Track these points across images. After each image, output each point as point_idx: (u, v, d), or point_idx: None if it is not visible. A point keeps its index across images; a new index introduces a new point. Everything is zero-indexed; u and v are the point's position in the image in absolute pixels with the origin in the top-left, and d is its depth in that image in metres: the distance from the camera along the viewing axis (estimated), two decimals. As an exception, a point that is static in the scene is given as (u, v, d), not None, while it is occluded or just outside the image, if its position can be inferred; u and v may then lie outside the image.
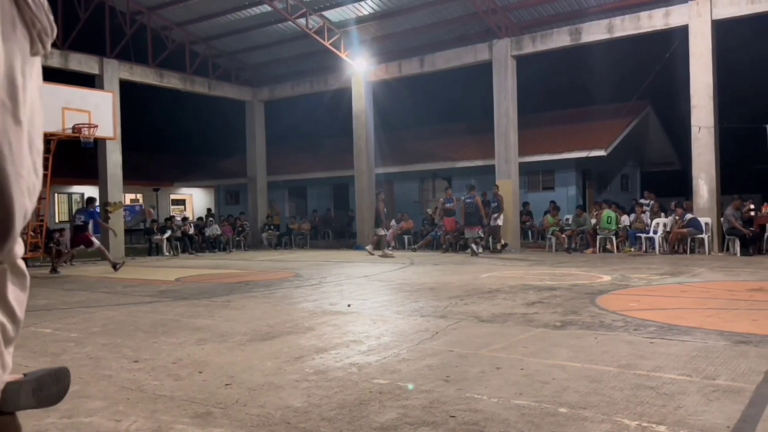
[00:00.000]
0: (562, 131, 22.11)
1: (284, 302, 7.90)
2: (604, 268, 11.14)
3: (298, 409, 3.48)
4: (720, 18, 14.18)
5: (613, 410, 3.31)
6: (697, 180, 14.49)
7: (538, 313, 6.46)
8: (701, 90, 14.36)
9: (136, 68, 19.29)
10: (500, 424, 3.16)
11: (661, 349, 4.69)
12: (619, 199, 19.86)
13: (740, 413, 3.20)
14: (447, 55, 18.29)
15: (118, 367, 4.63)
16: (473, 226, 15.58)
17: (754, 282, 8.67)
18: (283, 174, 26.28)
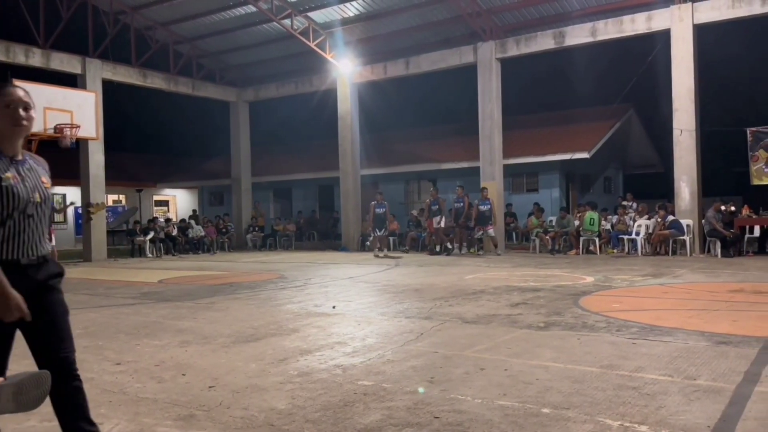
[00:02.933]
0: (546, 134, 22.25)
1: (268, 304, 7.87)
2: (587, 270, 11.22)
3: (282, 411, 3.47)
4: (701, 22, 14.35)
5: (595, 410, 3.34)
6: (678, 182, 14.64)
7: (521, 314, 6.50)
8: (683, 93, 14.53)
9: (119, 68, 19.11)
10: (484, 424, 3.17)
11: (643, 349, 4.74)
12: (602, 202, 20.01)
13: (721, 413, 3.24)
14: (432, 57, 18.33)
15: (100, 369, 4.58)
16: (486, 225, 15.96)
17: (734, 283, 8.78)
18: (268, 175, 26.17)
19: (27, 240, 2.46)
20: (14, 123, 2.47)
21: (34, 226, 2.49)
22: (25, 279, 2.43)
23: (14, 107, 2.47)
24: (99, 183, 18.30)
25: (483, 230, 16.06)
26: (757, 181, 15.33)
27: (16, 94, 2.50)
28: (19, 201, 2.42)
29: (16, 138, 2.51)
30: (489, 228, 15.97)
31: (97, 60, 18.37)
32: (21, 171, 2.48)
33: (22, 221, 2.44)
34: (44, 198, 2.54)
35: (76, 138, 15.93)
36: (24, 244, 2.45)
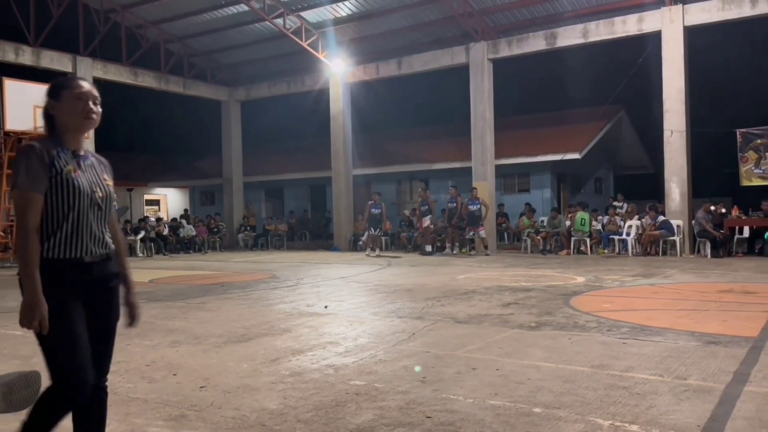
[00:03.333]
0: (537, 134, 22.32)
1: (260, 304, 7.86)
2: (578, 270, 11.27)
3: (273, 411, 3.47)
4: (692, 24, 14.45)
5: (586, 410, 3.35)
6: (669, 183, 14.73)
7: (513, 314, 6.52)
8: (673, 95, 14.61)
9: (110, 66, 19.01)
10: (476, 424, 3.18)
11: (634, 349, 4.77)
12: (593, 202, 20.10)
13: (710, 412, 3.27)
14: (424, 58, 18.35)
15: (90, 369, 4.55)
16: (477, 226, 16.03)
17: (724, 284, 8.84)
18: (260, 175, 26.11)
19: (90, 236, 2.39)
20: (85, 116, 2.41)
21: (97, 222, 2.42)
22: (88, 277, 2.38)
23: (85, 99, 2.41)
24: (89, 182, 18.18)
25: (474, 231, 16.12)
26: (747, 182, 15.45)
27: (86, 86, 2.44)
28: (81, 195, 2.35)
29: (82, 132, 2.46)
30: (480, 229, 16.04)
31: (87, 58, 18.27)
32: (82, 165, 2.42)
33: (85, 217, 2.37)
34: (106, 194, 2.46)
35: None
36: (87, 241, 2.38)
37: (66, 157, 2.36)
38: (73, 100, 2.39)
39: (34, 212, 2.26)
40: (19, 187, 2.26)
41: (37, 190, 2.27)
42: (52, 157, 2.31)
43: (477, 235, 16.18)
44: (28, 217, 2.25)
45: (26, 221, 2.24)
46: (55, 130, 2.42)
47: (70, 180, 2.33)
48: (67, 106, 2.39)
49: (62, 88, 2.42)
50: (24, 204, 2.26)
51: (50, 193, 2.30)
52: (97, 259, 2.41)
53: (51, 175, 2.29)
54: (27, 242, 2.24)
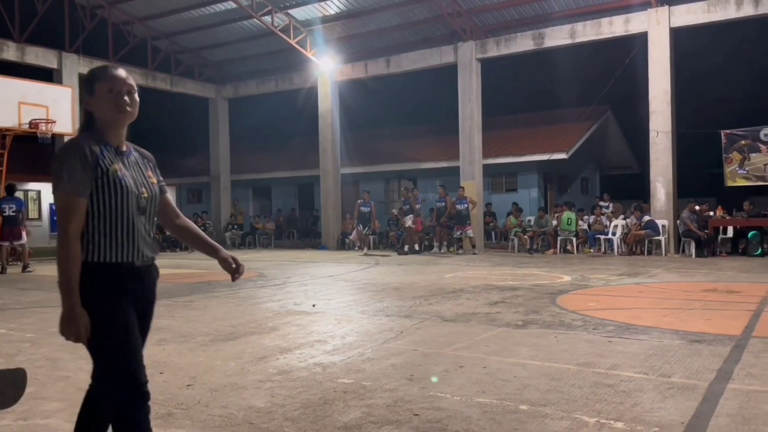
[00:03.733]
0: (525, 134, 22.43)
1: (247, 302, 7.83)
2: (564, 269, 11.34)
3: (261, 410, 3.46)
4: (678, 26, 14.59)
5: (572, 407, 3.38)
6: (654, 183, 14.86)
7: (500, 312, 6.55)
8: (659, 96, 14.75)
9: (96, 63, 18.81)
10: (463, 421, 3.20)
11: (619, 347, 4.81)
12: (579, 202, 20.23)
13: (694, 410, 3.31)
14: (412, 57, 18.38)
15: (76, 368, 4.52)
16: (464, 225, 16.11)
17: (708, 283, 8.94)
18: (248, 173, 26.01)
19: (139, 240, 2.25)
20: (118, 110, 2.23)
21: (144, 224, 2.28)
22: (138, 282, 2.26)
23: (118, 92, 2.23)
24: (75, 179, 18.01)
25: (461, 230, 16.18)
26: (731, 182, 15.62)
27: (119, 77, 2.26)
28: (128, 196, 2.20)
29: (121, 126, 2.28)
30: (467, 228, 16.10)
31: (73, 55, 18.11)
32: (126, 163, 2.27)
33: (133, 218, 2.23)
34: (152, 195, 2.32)
35: (52, 133, 15.70)
36: (137, 245, 2.24)
37: (110, 154, 2.21)
38: (106, 94, 2.23)
39: (77, 218, 2.11)
40: (62, 190, 2.10)
41: (80, 194, 2.12)
42: (96, 156, 2.16)
43: (464, 235, 16.24)
44: (70, 224, 2.10)
45: (67, 227, 2.10)
46: (94, 126, 2.26)
47: (116, 180, 2.18)
48: (102, 101, 2.23)
49: (95, 80, 2.25)
50: (66, 209, 2.10)
51: (96, 194, 2.15)
52: (147, 262, 2.31)
53: (96, 176, 2.14)
54: (68, 250, 2.09)
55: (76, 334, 2.11)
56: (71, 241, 2.10)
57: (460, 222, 16.18)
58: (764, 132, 15.10)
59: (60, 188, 2.10)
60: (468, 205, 16.13)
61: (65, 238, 2.10)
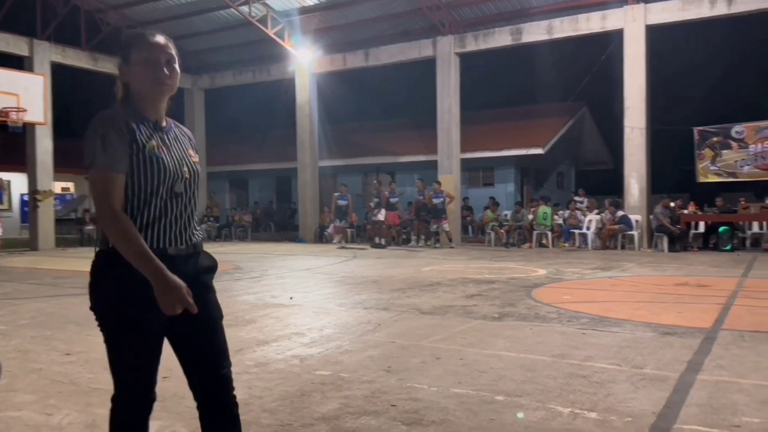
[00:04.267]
0: (502, 129, 22.58)
1: (224, 295, 7.75)
2: (539, 263, 11.46)
3: (238, 401, 3.44)
4: (653, 23, 14.77)
5: (547, 398, 3.43)
6: (628, 179, 15.07)
7: (477, 305, 6.60)
8: (634, 92, 14.93)
9: (68, 51, 18.49)
10: (439, 411, 3.22)
11: (593, 339, 4.88)
12: (555, 197, 20.45)
13: (665, 400, 3.38)
14: (391, 50, 18.35)
15: (48, 360, 4.46)
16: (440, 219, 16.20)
17: (679, 277, 9.11)
18: (224, 165, 25.78)
19: (175, 224, 1.99)
20: (156, 82, 1.99)
21: (183, 207, 2.02)
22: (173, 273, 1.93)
23: (156, 61, 1.99)
24: (46, 169, 17.70)
25: (438, 224, 16.25)
26: (703, 178, 15.91)
27: (158, 43, 2.02)
28: (165, 174, 1.95)
29: (159, 100, 2.03)
30: (444, 222, 16.18)
31: (45, 42, 17.73)
32: (166, 140, 2.03)
33: (169, 201, 1.98)
34: (193, 173, 2.07)
35: (23, 122, 15.38)
36: (171, 230, 1.98)
37: (147, 129, 1.98)
38: (142, 63, 1.98)
39: (118, 193, 1.87)
40: (97, 165, 1.86)
41: (118, 169, 1.88)
42: (133, 130, 1.93)
43: (441, 228, 16.31)
44: (113, 199, 1.85)
45: (111, 203, 1.85)
46: (130, 98, 2.03)
47: (154, 158, 1.95)
48: (137, 72, 1.99)
49: (130, 48, 2.01)
50: (104, 185, 1.85)
51: (131, 173, 1.91)
52: (183, 251, 2.01)
53: (132, 152, 1.91)
54: (121, 224, 1.84)
55: (182, 299, 1.85)
56: (120, 216, 1.85)
57: (437, 216, 16.25)
58: (735, 129, 15.40)
59: (96, 163, 1.86)
60: (444, 199, 16.20)
61: (111, 212, 1.85)
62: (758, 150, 15.10)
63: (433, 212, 16.32)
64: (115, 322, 1.94)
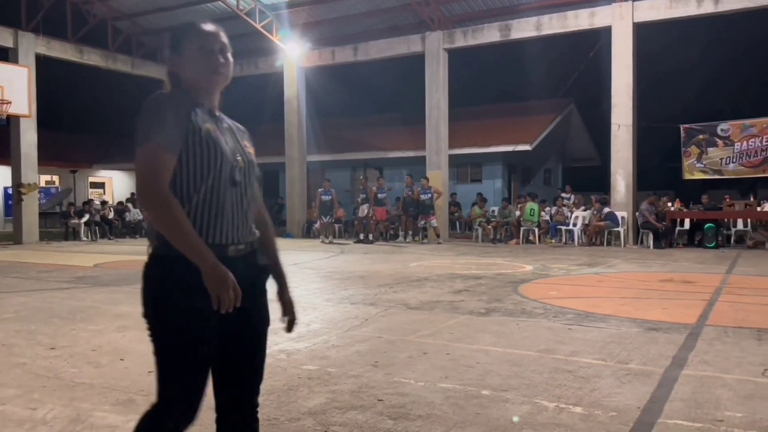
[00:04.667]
0: (490, 125, 22.61)
1: (210, 289, 7.74)
2: (526, 259, 11.51)
3: (224, 396, 3.43)
4: (641, 21, 14.85)
5: (533, 392, 3.45)
6: (614, 176, 15.16)
7: (464, 300, 6.62)
8: (622, 89, 15.01)
9: (54, 43, 18.27)
10: (426, 406, 3.23)
11: (579, 335, 4.91)
12: (542, 193, 20.53)
13: (650, 395, 3.41)
14: (380, 45, 18.31)
15: (33, 354, 4.42)
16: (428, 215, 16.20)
17: (665, 273, 9.19)
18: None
19: (232, 217, 1.82)
20: (211, 71, 1.89)
21: (239, 198, 1.85)
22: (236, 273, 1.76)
23: (210, 50, 1.88)
24: (31, 162, 17.51)
25: (426, 219, 16.27)
26: (689, 175, 16.05)
27: (212, 32, 1.91)
28: (223, 159, 1.80)
29: (214, 90, 1.93)
30: (432, 218, 16.20)
31: (30, 33, 17.51)
32: (220, 128, 1.90)
33: (225, 190, 1.81)
34: (248, 163, 1.93)
35: (7, 115, 15.20)
36: (229, 223, 1.81)
37: (203, 114, 1.84)
38: (195, 53, 1.87)
39: (168, 175, 1.71)
40: (150, 140, 1.71)
41: (171, 148, 1.72)
42: (189, 111, 1.80)
43: (429, 224, 16.33)
44: (164, 180, 1.69)
45: (162, 185, 1.68)
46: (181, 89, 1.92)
47: (210, 140, 1.79)
48: (190, 61, 1.88)
49: (182, 37, 1.90)
50: (156, 164, 1.69)
51: (185, 156, 1.75)
52: (242, 250, 1.85)
53: (188, 133, 1.76)
54: (169, 209, 1.67)
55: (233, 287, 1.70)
56: (171, 200, 1.69)
57: (424, 212, 16.26)
58: (721, 127, 15.54)
59: (149, 139, 1.71)
60: (432, 195, 16.21)
61: (159, 195, 1.68)
62: (743, 148, 15.25)
63: (421, 208, 16.33)
64: (175, 338, 1.77)
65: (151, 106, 1.77)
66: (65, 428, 2.97)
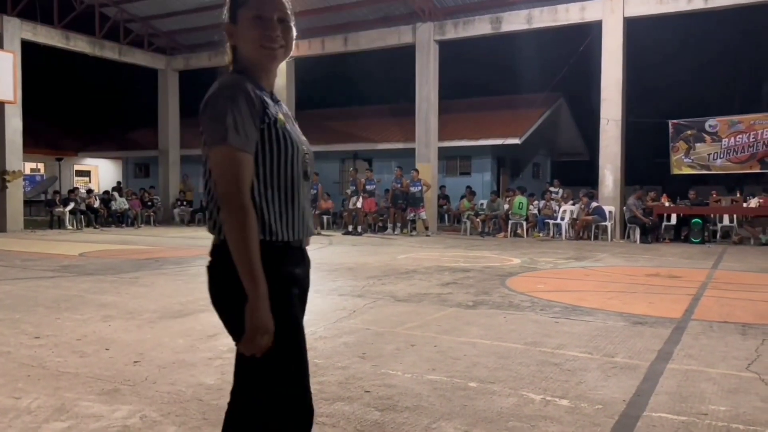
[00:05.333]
0: (480, 118, 22.62)
1: (198, 280, 7.69)
2: (514, 252, 11.55)
3: (210, 387, 3.42)
4: (631, 16, 14.88)
5: (519, 385, 3.46)
6: (603, 170, 15.22)
7: (452, 293, 6.63)
8: (611, 84, 15.05)
9: (40, 28, 18.02)
10: (413, 398, 3.23)
11: (565, 328, 4.94)
12: (531, 187, 20.60)
13: (636, 388, 3.43)
14: (371, 35, 18.22)
15: (17, 343, 4.37)
16: (418, 207, 16.20)
17: (651, 268, 9.25)
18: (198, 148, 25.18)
19: (305, 211, 1.71)
20: (268, 41, 1.68)
21: (308, 190, 1.74)
22: (304, 270, 1.71)
23: (268, 19, 1.68)
24: (16, 149, 17.29)
25: (415, 212, 16.27)
26: (677, 170, 16.16)
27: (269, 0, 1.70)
28: (297, 153, 1.67)
29: (272, 66, 1.74)
30: (421, 211, 16.21)
31: (15, 18, 17.25)
32: (285, 114, 1.73)
33: (300, 184, 1.68)
34: (311, 153, 1.78)
35: (-9, 100, 15.00)
36: (303, 218, 1.69)
37: (271, 101, 1.69)
38: (251, 22, 1.67)
39: (248, 180, 1.57)
40: (229, 143, 1.55)
41: (249, 149, 1.58)
42: (262, 102, 1.63)
43: (418, 217, 16.33)
44: (243, 188, 1.55)
45: (241, 193, 1.54)
46: (241, 65, 1.73)
47: (285, 134, 1.66)
48: (246, 32, 1.69)
49: (239, 4, 1.70)
50: (237, 169, 1.55)
51: (261, 150, 1.61)
52: (307, 243, 1.76)
53: (263, 126, 1.62)
54: (245, 224, 1.53)
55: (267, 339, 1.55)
56: (248, 213, 1.54)
57: (414, 204, 16.26)
58: (709, 123, 15.64)
59: (228, 141, 1.55)
60: (422, 187, 16.21)
61: (240, 203, 1.54)
62: (731, 144, 15.36)
63: (411, 200, 16.33)
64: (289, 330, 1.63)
65: (225, 97, 1.58)
66: (50, 417, 2.94)
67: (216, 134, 1.56)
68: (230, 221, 1.54)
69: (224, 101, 1.57)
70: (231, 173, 1.55)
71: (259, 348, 1.54)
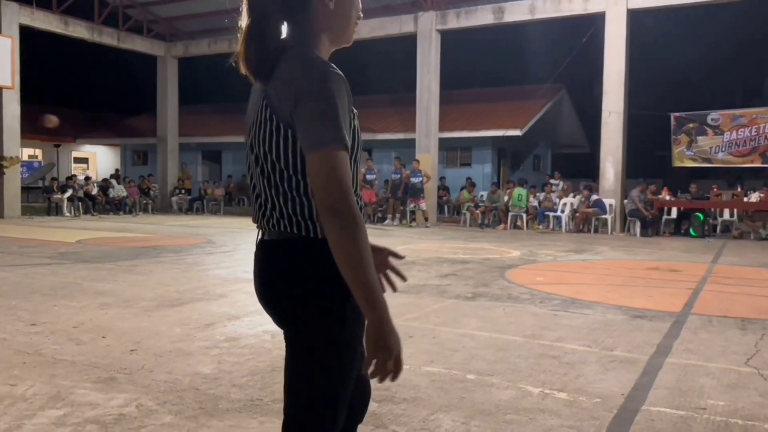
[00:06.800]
0: (481, 109, 22.53)
1: (195, 269, 7.68)
2: (513, 244, 11.53)
3: (207, 376, 3.40)
4: (635, 7, 14.76)
5: (518, 377, 3.44)
6: (604, 163, 15.17)
7: (450, 284, 6.61)
8: (613, 76, 14.96)
9: (38, 13, 17.88)
10: (411, 390, 3.21)
11: (564, 321, 4.92)
12: (531, 179, 20.56)
13: (634, 382, 3.41)
14: (372, 24, 18.10)
15: (13, 330, 4.35)
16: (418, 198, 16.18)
17: (651, 261, 9.23)
18: (197, 136, 25.35)
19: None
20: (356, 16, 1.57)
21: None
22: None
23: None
24: (13, 135, 17.21)
25: (415, 203, 16.23)
26: (679, 162, 16.14)
27: None
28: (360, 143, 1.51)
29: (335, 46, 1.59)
30: (421, 202, 16.17)
31: (13, 3, 17.10)
32: None
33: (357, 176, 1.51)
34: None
35: (-11, 86, 14.91)
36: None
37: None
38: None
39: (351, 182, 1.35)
40: (334, 144, 1.32)
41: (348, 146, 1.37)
42: (350, 91, 1.42)
43: (418, 208, 16.30)
44: (352, 198, 1.32)
45: (351, 203, 1.32)
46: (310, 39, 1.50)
47: (356, 127, 1.48)
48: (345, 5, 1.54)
49: None
50: (344, 176, 1.32)
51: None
52: None
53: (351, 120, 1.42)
54: (358, 233, 1.31)
55: (397, 355, 1.36)
56: (361, 222, 1.33)
57: (414, 195, 16.23)
58: (711, 117, 15.59)
59: (332, 143, 1.32)
60: (423, 178, 16.17)
61: (352, 215, 1.32)
62: (733, 137, 15.32)
63: (411, 191, 16.28)
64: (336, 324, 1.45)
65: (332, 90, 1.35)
66: (45, 405, 2.92)
67: (327, 132, 1.32)
68: (344, 237, 1.30)
69: (332, 94, 1.35)
70: (338, 176, 1.31)
71: (385, 372, 1.36)
